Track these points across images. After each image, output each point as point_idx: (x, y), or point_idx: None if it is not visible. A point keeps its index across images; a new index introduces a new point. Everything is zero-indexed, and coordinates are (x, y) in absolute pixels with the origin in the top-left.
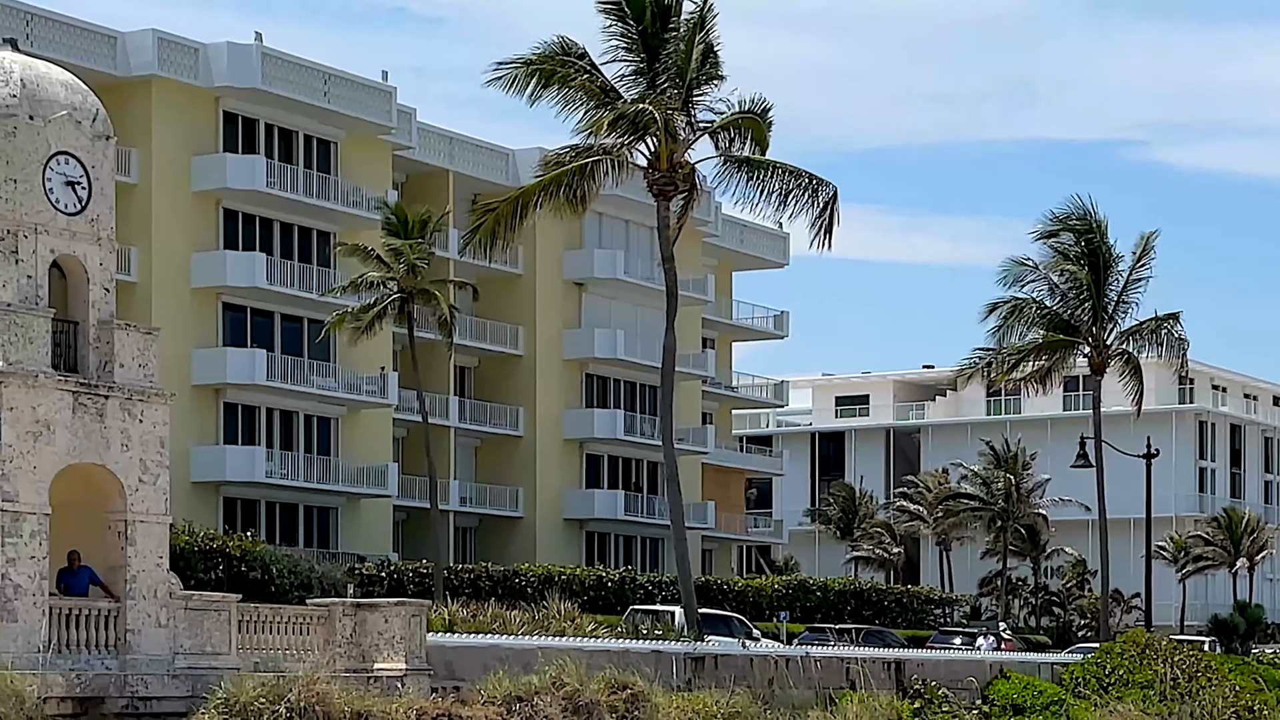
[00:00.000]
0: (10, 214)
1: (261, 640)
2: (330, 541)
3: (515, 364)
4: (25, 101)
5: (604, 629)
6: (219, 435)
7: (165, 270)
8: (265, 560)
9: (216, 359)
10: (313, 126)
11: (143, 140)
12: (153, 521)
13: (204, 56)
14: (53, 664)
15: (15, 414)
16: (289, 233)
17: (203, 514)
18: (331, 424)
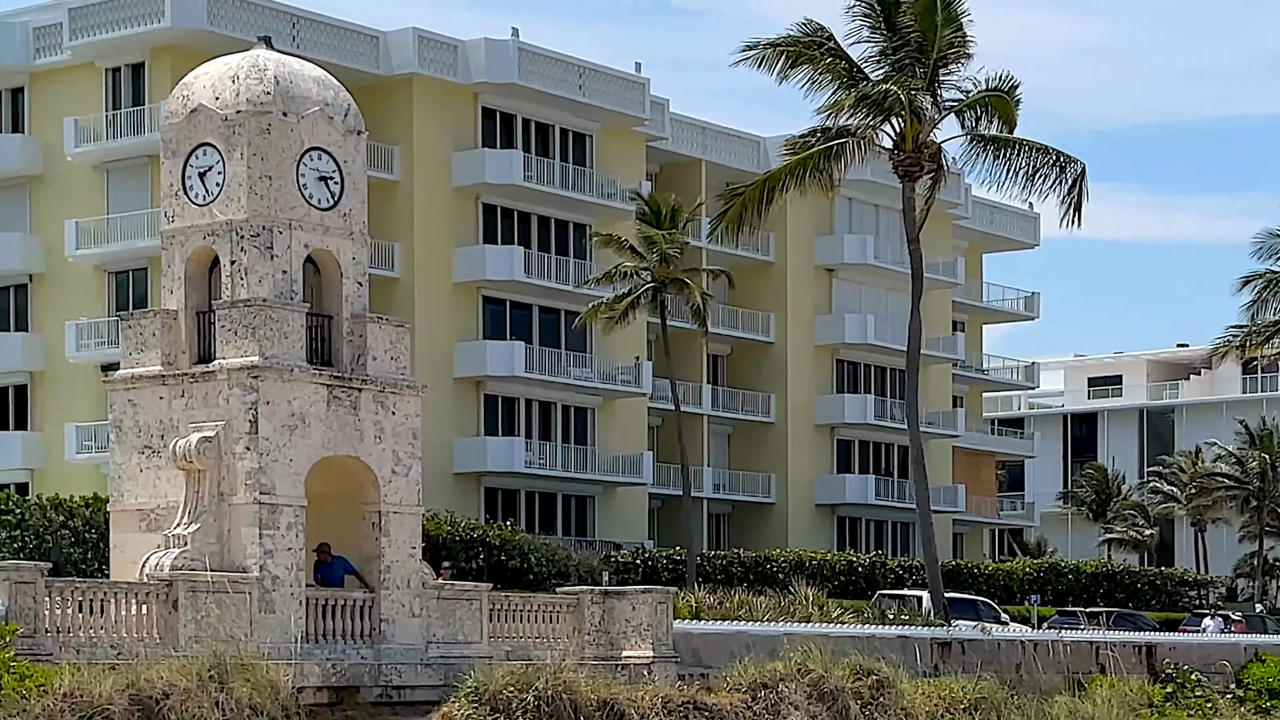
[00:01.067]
0: (265, 210)
1: (512, 629)
2: (587, 529)
3: (767, 351)
4: (279, 99)
5: (850, 614)
6: (480, 427)
7: (427, 265)
8: (524, 549)
9: (477, 352)
10: (568, 120)
11: (404, 137)
12: (405, 512)
13: (462, 53)
14: (309, 654)
15: (271, 408)
16: (546, 225)
17: (465, 504)
18: (588, 414)
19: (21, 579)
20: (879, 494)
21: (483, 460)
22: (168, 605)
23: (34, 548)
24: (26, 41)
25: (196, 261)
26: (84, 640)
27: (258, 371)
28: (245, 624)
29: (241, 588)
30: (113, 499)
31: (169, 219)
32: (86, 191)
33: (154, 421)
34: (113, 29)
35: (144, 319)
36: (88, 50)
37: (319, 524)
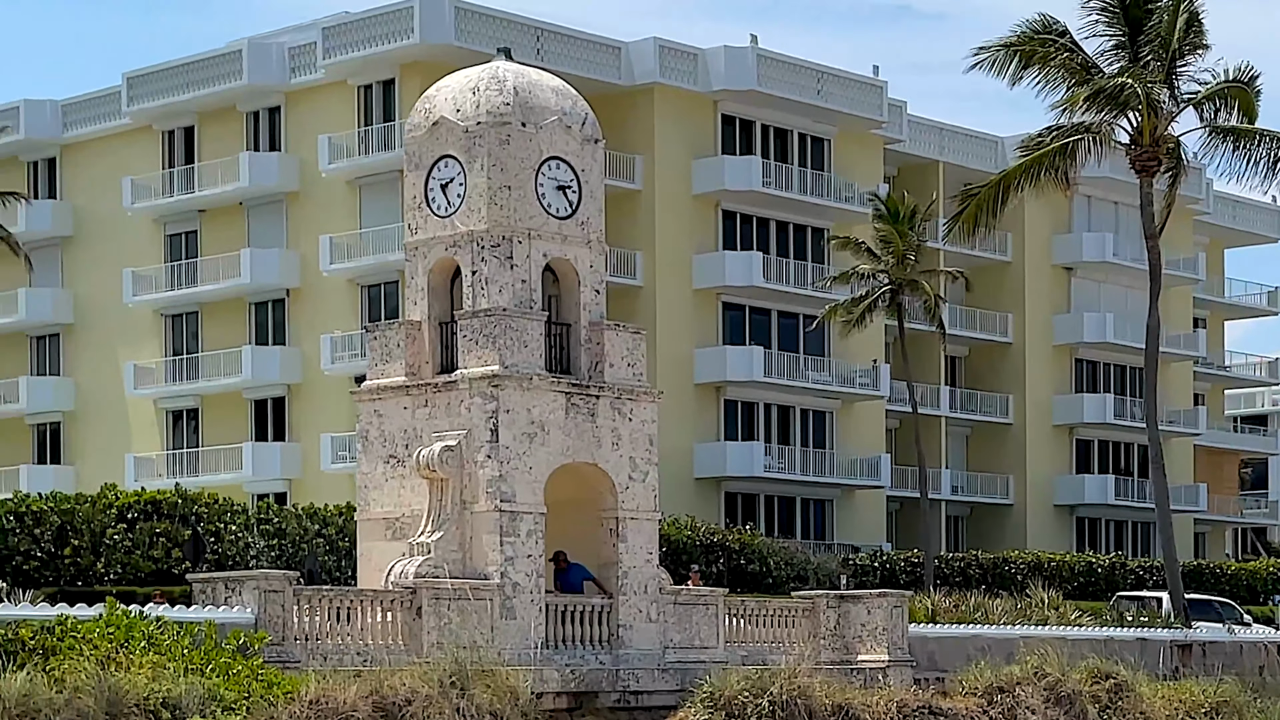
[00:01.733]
0: (505, 220)
1: (748, 633)
2: (826, 533)
3: (1004, 351)
4: (518, 109)
5: (1088, 617)
6: (720, 432)
7: (667, 273)
8: (763, 553)
9: (717, 357)
10: (806, 125)
11: (645, 147)
12: (643, 518)
13: (702, 62)
14: (548, 659)
15: (511, 416)
16: (784, 230)
17: (705, 509)
18: (826, 417)
19: (271, 588)
20: (1118, 494)
21: (723, 465)
22: (412, 612)
23: (290, 556)
24: (283, 62)
25: (439, 272)
26: (331, 648)
27: (498, 380)
28: (487, 630)
29: (483, 594)
30: (360, 508)
31: (412, 231)
32: (340, 207)
33: (398, 431)
34: (364, 47)
35: (388, 330)
36: (340, 69)
37: (557, 531)
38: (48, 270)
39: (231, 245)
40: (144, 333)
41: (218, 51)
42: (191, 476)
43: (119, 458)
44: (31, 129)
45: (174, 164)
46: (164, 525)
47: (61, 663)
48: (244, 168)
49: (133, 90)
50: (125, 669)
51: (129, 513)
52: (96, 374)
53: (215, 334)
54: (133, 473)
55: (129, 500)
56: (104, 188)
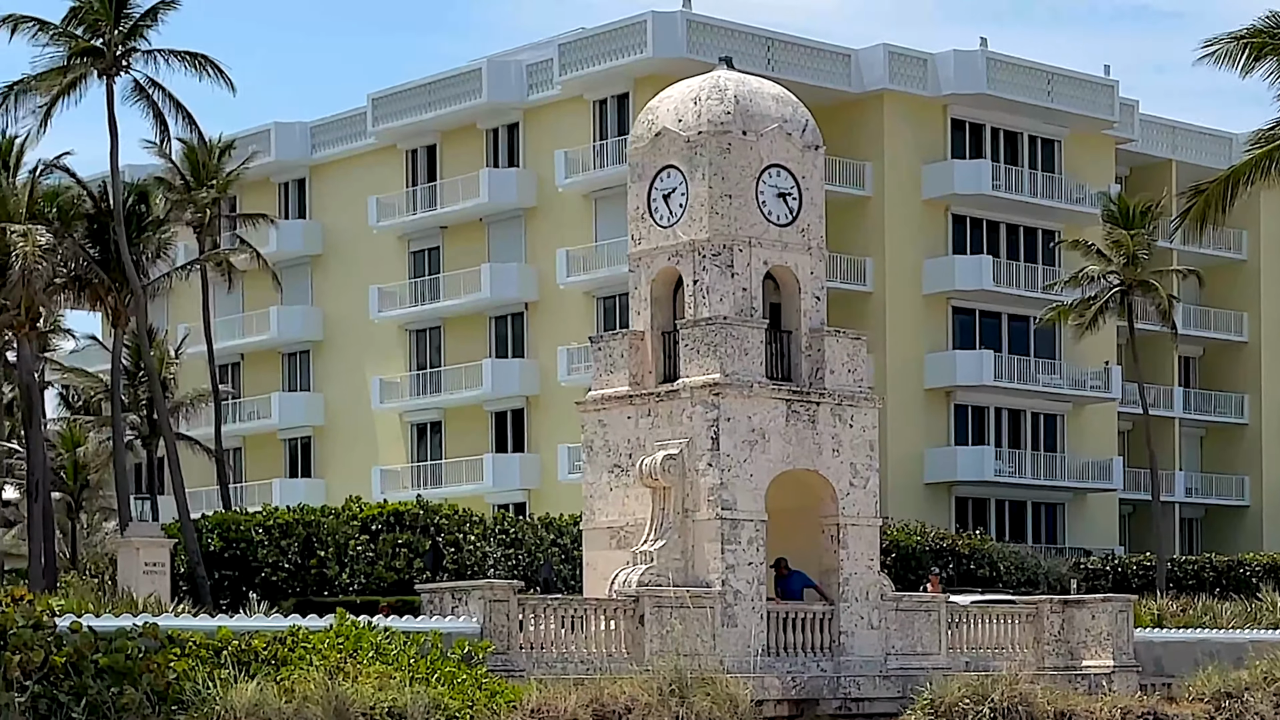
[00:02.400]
0: (725, 228)
1: (971, 639)
2: (1057, 537)
3: (1240, 351)
4: (739, 118)
5: None
6: (950, 436)
7: (897, 278)
8: (993, 557)
9: (946, 362)
10: (1037, 127)
11: (875, 153)
12: (863, 524)
13: (931, 66)
14: (769, 667)
15: (732, 424)
16: (1014, 233)
17: (935, 514)
18: (1057, 420)
19: (496, 597)
20: None
21: (953, 470)
22: (634, 621)
23: (527, 565)
24: (521, 79)
25: (661, 282)
26: (554, 656)
27: (718, 388)
28: (708, 638)
29: (704, 602)
30: (585, 517)
31: (635, 242)
32: (576, 221)
33: (622, 440)
34: (599, 62)
35: (612, 341)
36: (576, 85)
37: (778, 538)
38: (298, 288)
39: (472, 261)
40: (389, 348)
41: (458, 71)
42: (435, 488)
43: (366, 470)
44: (282, 151)
45: (417, 182)
46: (405, 536)
47: (291, 672)
48: (484, 184)
49: (377, 111)
50: (353, 679)
51: (372, 524)
52: (345, 389)
53: (457, 348)
54: (379, 485)
55: (372, 512)
56: (351, 207)
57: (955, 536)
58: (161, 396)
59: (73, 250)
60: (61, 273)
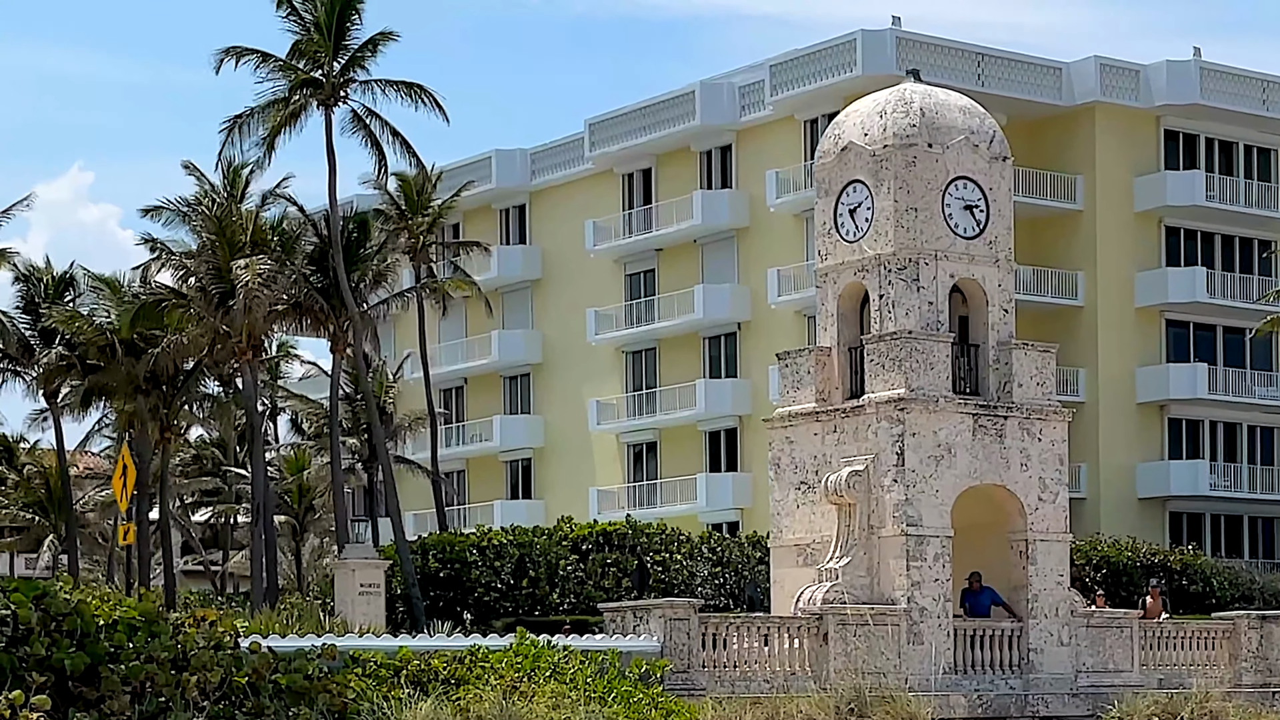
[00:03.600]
0: (911, 242)
1: (1165, 656)
2: (1275, 552)
3: None
4: (924, 130)
5: None
6: (1164, 451)
7: (1109, 292)
8: (1206, 573)
9: (1159, 375)
10: (1252, 136)
11: (1086, 166)
12: (1053, 539)
13: (1143, 78)
14: (956, 684)
15: (917, 439)
16: (1230, 245)
17: (1149, 530)
18: (1274, 434)
19: (676, 615)
20: None
21: (1166, 484)
22: (818, 639)
23: (735, 584)
24: (734, 101)
25: (848, 298)
26: (737, 675)
27: (903, 403)
28: (893, 655)
29: (889, 620)
30: (773, 535)
31: (822, 257)
32: (787, 240)
33: (809, 457)
34: (809, 82)
35: (798, 358)
36: (787, 105)
37: (967, 553)
38: (519, 312)
39: (687, 282)
40: (606, 370)
41: (672, 94)
42: (650, 508)
43: (584, 491)
44: (503, 178)
45: (633, 205)
46: (615, 556)
47: (468, 692)
48: (697, 206)
49: (594, 136)
50: (528, 698)
51: (583, 544)
52: (564, 411)
53: (672, 368)
54: (595, 505)
55: (582, 532)
56: (568, 231)
57: (1168, 552)
58: (379, 421)
59: (294, 278)
60: (283, 300)
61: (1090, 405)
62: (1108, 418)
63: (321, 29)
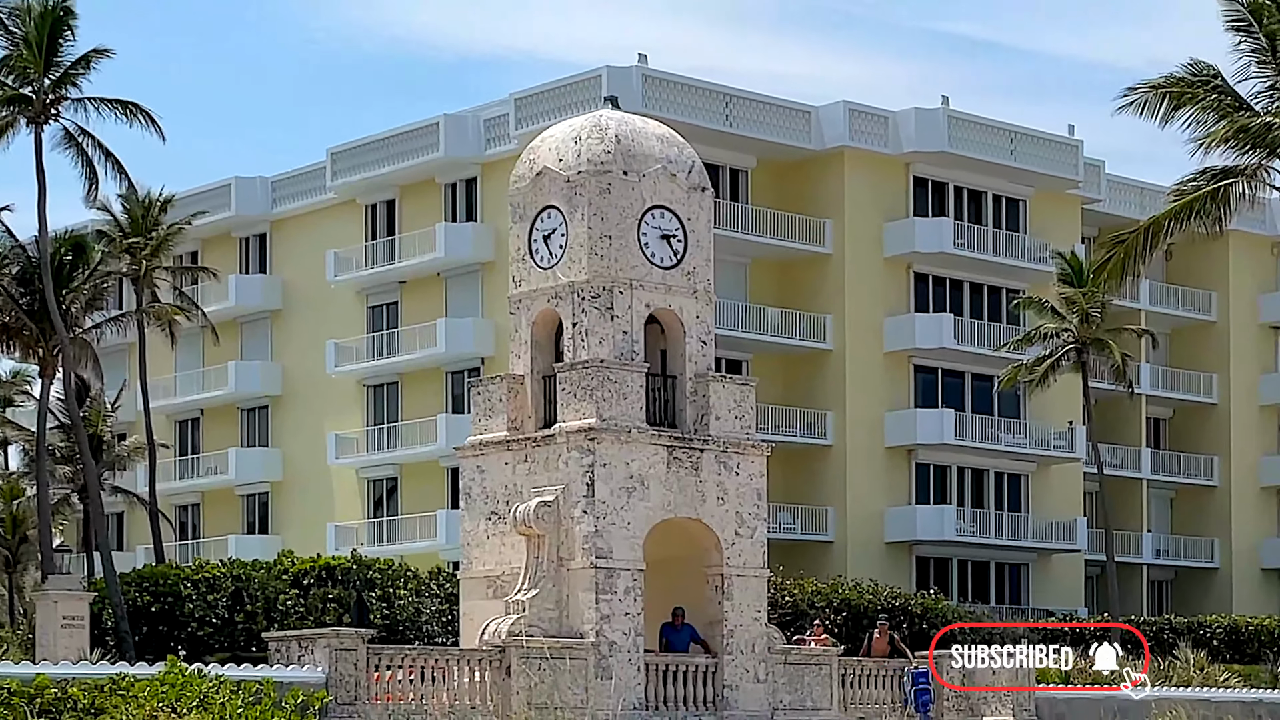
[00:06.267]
0: (605, 270)
1: (864, 695)
2: (1021, 597)
3: (1210, 412)
4: (620, 157)
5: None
6: (911, 495)
7: (858, 336)
8: (947, 617)
9: (907, 420)
10: (1001, 185)
11: (835, 210)
12: (750, 575)
13: (892, 124)
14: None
15: (608, 470)
16: (978, 292)
17: (895, 573)
18: (1021, 480)
19: (343, 645)
20: None
21: (913, 529)
22: (501, 672)
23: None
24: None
25: (542, 325)
26: (413, 708)
27: (595, 433)
28: (580, 690)
29: (577, 653)
30: (462, 566)
31: (515, 284)
32: None
33: (500, 487)
34: (554, 116)
35: (490, 385)
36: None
37: (667, 588)
38: (258, 342)
39: (430, 315)
40: (347, 403)
41: (416, 125)
42: (390, 544)
43: (322, 527)
44: (242, 205)
45: (376, 236)
46: (337, 591)
47: None
48: (440, 239)
49: (336, 165)
50: None
51: (304, 579)
52: (302, 445)
53: (414, 403)
54: (333, 541)
55: (304, 566)
56: (310, 261)
57: (910, 596)
58: (88, 450)
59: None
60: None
61: (838, 449)
62: (856, 461)
63: (32, 45)
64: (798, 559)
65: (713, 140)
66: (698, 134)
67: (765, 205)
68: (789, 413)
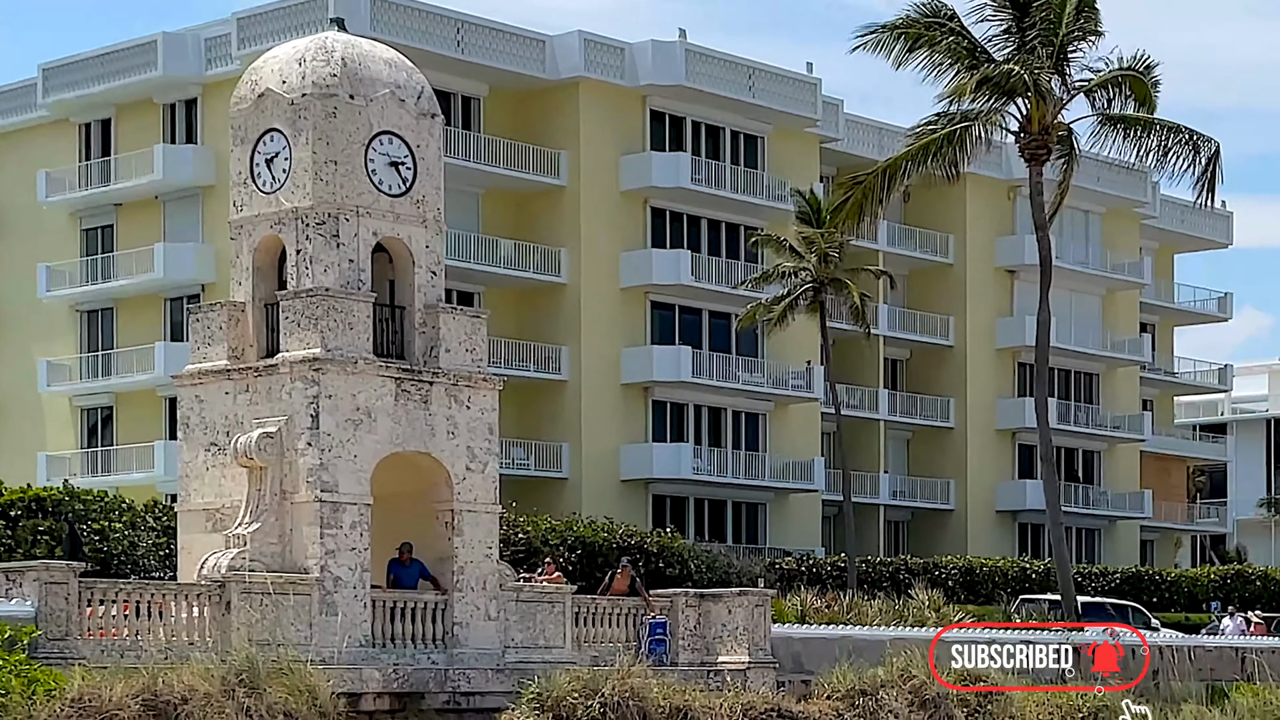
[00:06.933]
0: (330, 196)
1: (599, 633)
2: (757, 537)
3: (946, 355)
4: (346, 81)
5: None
6: (648, 433)
7: (594, 271)
8: (683, 556)
9: (644, 357)
10: (739, 122)
11: (571, 142)
12: (481, 511)
13: (629, 56)
14: (373, 658)
15: (334, 401)
16: (716, 229)
17: (631, 512)
18: (759, 419)
19: (52, 579)
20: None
21: (649, 467)
22: (220, 608)
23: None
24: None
25: (264, 252)
26: (128, 644)
27: (319, 364)
28: (304, 627)
29: (300, 589)
30: (180, 498)
31: (237, 208)
32: None
33: (220, 418)
34: (280, 38)
35: (210, 313)
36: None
37: (395, 524)
38: None
39: (147, 240)
40: (59, 329)
41: (134, 42)
42: (105, 475)
43: (32, 456)
44: None
45: (90, 157)
46: (48, 523)
47: None
48: (159, 161)
49: (49, 82)
50: None
51: (12, 510)
52: (11, 371)
53: (130, 330)
54: (45, 471)
55: (13, 497)
56: (21, 181)
57: (646, 534)
58: None
59: None
60: None
61: (574, 384)
62: (591, 398)
63: None
64: (532, 496)
65: (444, 66)
66: (428, 59)
67: (499, 135)
68: (523, 347)
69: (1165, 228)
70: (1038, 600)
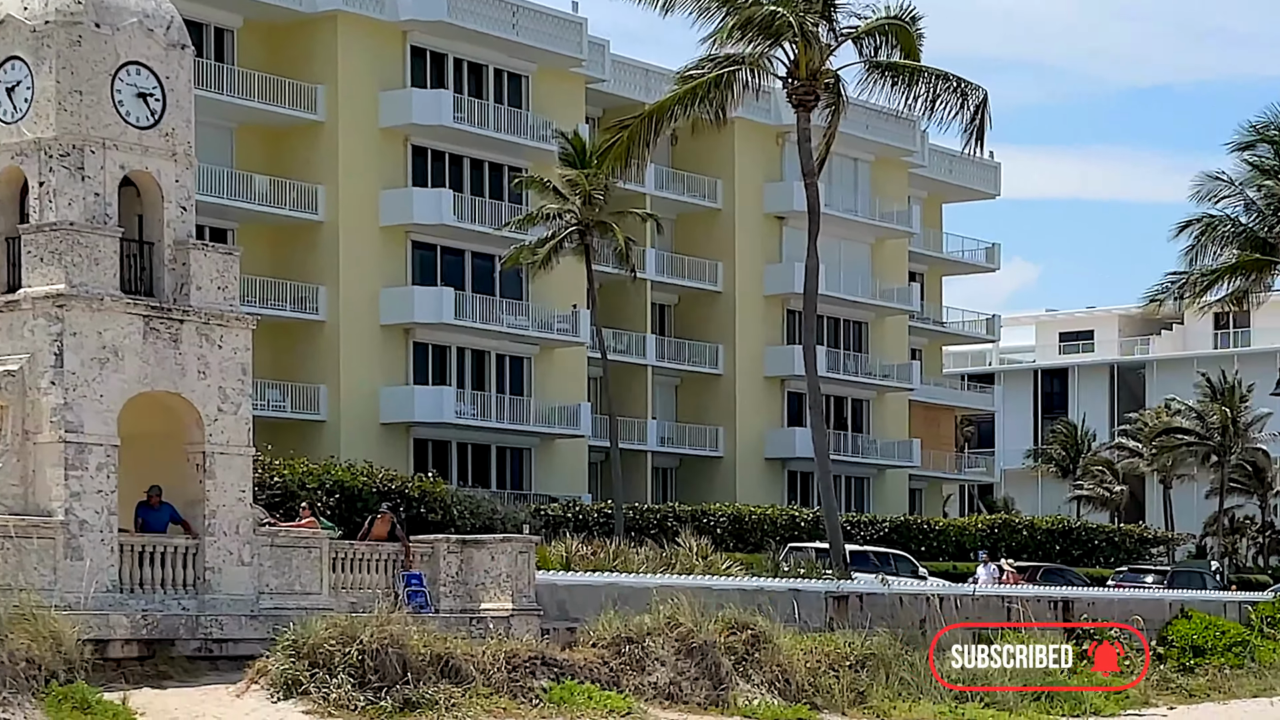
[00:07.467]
0: (75, 127)
1: (359, 579)
2: (523, 483)
3: (715, 300)
4: (91, 8)
5: (739, 567)
6: (409, 375)
7: (353, 209)
8: (446, 501)
9: (404, 298)
10: (503, 60)
11: (329, 77)
12: (234, 453)
13: None
14: (120, 604)
15: (79, 339)
16: (479, 168)
17: (392, 456)
18: (524, 363)
19: None
20: (832, 448)
21: (410, 410)
22: None
23: None
24: None
25: (6, 184)
26: None
27: (64, 300)
28: (49, 572)
29: (44, 533)
30: None
31: None
32: None
33: None
34: None
35: None
36: None
37: (145, 466)
38: None
39: None
40: None
41: None
42: None
43: None
44: None
45: None
46: None
47: None
48: None
49: None
50: None
51: None
52: None
53: None
54: None
55: None
56: None
57: (407, 479)
58: None
59: None
60: None
61: (331, 325)
62: (349, 339)
63: None
64: (288, 438)
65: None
66: None
67: (253, 68)
68: (279, 286)
69: (934, 177)
70: (805, 548)
